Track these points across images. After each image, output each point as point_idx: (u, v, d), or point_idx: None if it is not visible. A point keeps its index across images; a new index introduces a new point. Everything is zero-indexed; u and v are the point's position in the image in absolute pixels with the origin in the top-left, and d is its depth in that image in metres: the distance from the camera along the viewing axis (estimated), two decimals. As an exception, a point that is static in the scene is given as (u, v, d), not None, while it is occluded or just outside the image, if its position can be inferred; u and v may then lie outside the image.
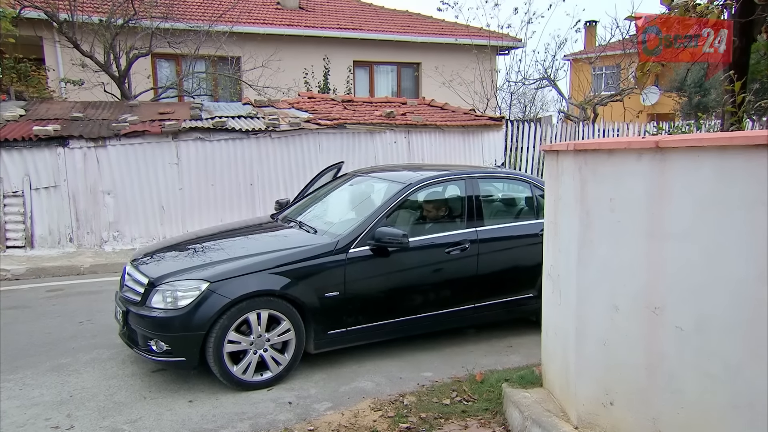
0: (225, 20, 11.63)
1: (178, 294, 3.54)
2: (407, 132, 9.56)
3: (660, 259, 2.30)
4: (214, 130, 8.28)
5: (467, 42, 12.97)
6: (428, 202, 4.59)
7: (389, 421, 3.27)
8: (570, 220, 2.76)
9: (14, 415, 3.35)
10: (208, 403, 3.52)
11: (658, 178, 2.27)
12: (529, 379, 3.51)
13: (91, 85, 10.58)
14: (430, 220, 4.56)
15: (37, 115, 8.50)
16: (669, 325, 2.29)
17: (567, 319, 2.84)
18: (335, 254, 3.91)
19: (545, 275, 3.32)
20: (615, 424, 2.53)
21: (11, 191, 7.46)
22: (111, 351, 4.34)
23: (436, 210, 4.63)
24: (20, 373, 3.93)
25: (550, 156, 3.16)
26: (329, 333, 3.90)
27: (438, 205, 4.65)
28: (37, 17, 10.33)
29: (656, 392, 2.35)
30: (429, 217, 4.57)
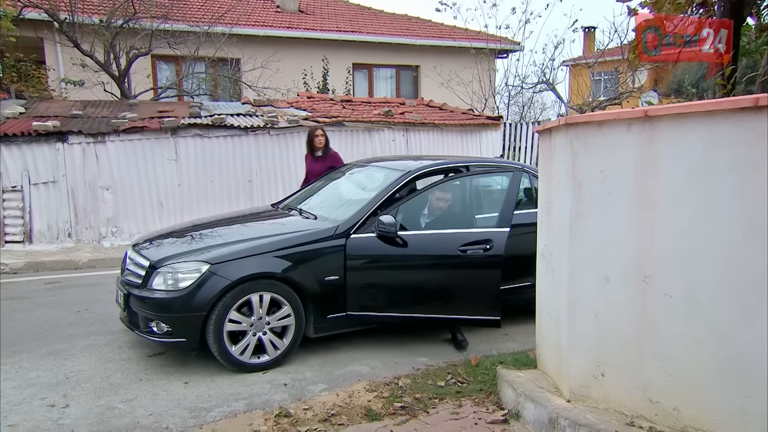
0: (225, 22, 11.71)
1: (179, 276, 3.58)
2: (405, 130, 9.61)
3: (650, 228, 2.33)
4: (213, 127, 8.32)
5: (466, 45, 13.06)
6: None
7: (384, 401, 3.29)
8: (562, 195, 2.79)
9: (10, 394, 3.36)
10: (204, 385, 3.53)
11: (647, 148, 2.31)
12: (524, 362, 3.53)
13: (91, 84, 10.64)
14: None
15: (37, 113, 8.55)
16: (659, 294, 2.32)
17: (560, 295, 2.86)
18: (335, 239, 3.93)
19: (539, 256, 3.34)
20: (606, 395, 2.55)
21: (10, 186, 7.49)
22: (108, 337, 4.35)
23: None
24: (17, 357, 3.95)
25: (544, 136, 3.20)
26: (329, 317, 3.92)
27: None
28: (38, 17, 10.41)
29: (646, 361, 2.37)
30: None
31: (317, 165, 6.22)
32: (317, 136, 6.25)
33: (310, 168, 6.33)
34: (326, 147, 6.29)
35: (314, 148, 6.29)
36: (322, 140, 6.25)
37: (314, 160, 6.31)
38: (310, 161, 6.35)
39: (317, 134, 6.27)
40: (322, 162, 6.21)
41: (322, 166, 6.13)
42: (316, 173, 6.12)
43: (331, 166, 6.07)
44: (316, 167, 6.20)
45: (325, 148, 6.28)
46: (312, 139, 6.28)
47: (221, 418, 3.09)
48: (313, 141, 6.27)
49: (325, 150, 6.29)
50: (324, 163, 6.18)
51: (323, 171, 6.02)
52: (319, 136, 6.25)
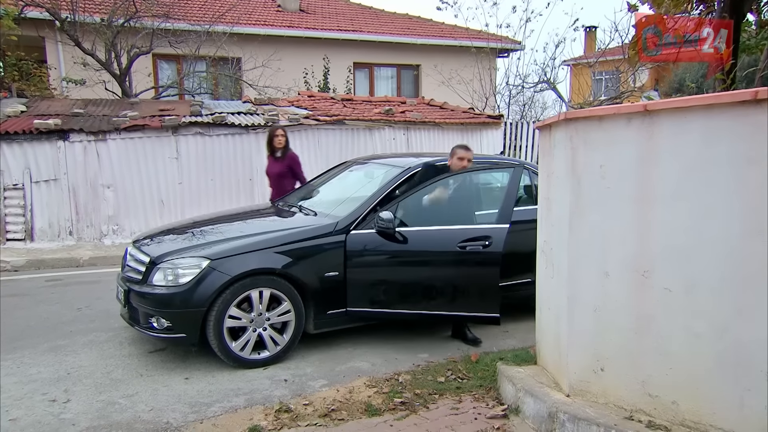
0: (225, 21, 11.73)
1: (179, 271, 3.59)
2: (406, 129, 9.61)
3: (649, 222, 2.34)
4: (214, 125, 8.34)
5: (467, 44, 13.07)
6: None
7: (384, 396, 3.29)
8: (562, 190, 2.79)
9: (12, 389, 3.37)
10: (204, 380, 3.54)
11: (646, 142, 2.31)
12: (524, 358, 3.53)
13: (93, 83, 10.66)
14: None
15: (39, 112, 8.57)
16: (658, 288, 2.32)
17: (559, 291, 2.87)
18: (335, 235, 3.94)
19: (539, 252, 3.35)
20: (605, 389, 2.56)
21: (12, 184, 7.51)
22: (109, 334, 4.36)
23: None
24: (18, 353, 3.96)
25: (544, 132, 3.20)
26: (329, 313, 3.93)
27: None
28: (40, 16, 10.42)
29: (645, 355, 2.38)
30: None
31: (276, 166, 6.07)
32: (277, 136, 6.05)
33: (270, 169, 6.16)
34: (286, 148, 6.08)
35: (274, 149, 6.09)
36: (282, 140, 6.04)
37: (274, 161, 6.13)
38: (271, 162, 6.16)
39: (277, 134, 6.06)
40: (280, 163, 6.05)
41: (281, 167, 6.01)
42: (275, 175, 6.01)
43: (289, 167, 5.98)
44: (275, 168, 6.06)
45: (285, 149, 6.07)
46: (272, 139, 6.07)
47: (222, 413, 3.10)
48: (272, 141, 6.06)
49: (284, 151, 6.08)
50: (282, 164, 6.03)
51: (281, 172, 5.93)
52: (279, 136, 6.05)
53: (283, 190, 5.84)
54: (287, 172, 6.03)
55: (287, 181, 5.98)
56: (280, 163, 6.05)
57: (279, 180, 6.02)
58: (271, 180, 6.11)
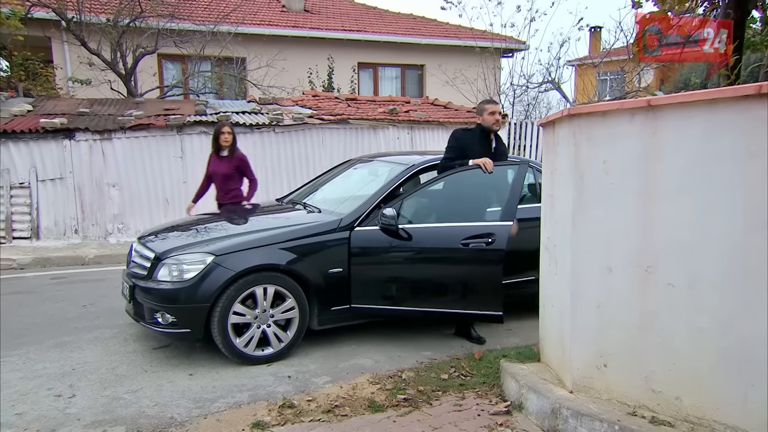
0: (230, 21, 11.76)
1: (183, 267, 3.61)
2: (410, 128, 9.62)
3: (652, 218, 2.34)
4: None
5: (471, 44, 13.06)
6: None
7: (387, 393, 3.30)
8: (565, 187, 2.79)
9: (18, 385, 3.40)
10: (208, 376, 3.55)
11: (650, 138, 2.31)
12: (527, 355, 3.53)
13: (98, 83, 10.71)
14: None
15: (45, 111, 8.62)
16: (661, 283, 2.32)
17: (563, 287, 2.87)
18: (339, 232, 3.95)
19: (542, 249, 3.35)
20: (609, 385, 2.56)
21: (18, 183, 7.56)
22: (113, 331, 4.38)
23: None
24: (24, 348, 3.99)
25: (547, 129, 3.20)
26: (333, 310, 3.94)
27: None
28: (46, 17, 10.49)
29: (649, 350, 2.37)
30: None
31: (222, 165, 5.54)
32: (223, 133, 5.53)
33: (214, 169, 5.60)
34: (233, 146, 5.58)
35: (220, 147, 5.57)
36: (229, 138, 5.53)
37: (219, 160, 5.58)
38: (215, 161, 5.61)
39: (224, 131, 5.54)
40: (227, 162, 5.54)
41: (228, 167, 5.52)
42: (221, 175, 5.54)
43: (237, 168, 5.54)
44: (221, 168, 5.54)
45: (232, 146, 5.57)
46: (218, 135, 5.55)
47: (225, 409, 3.11)
48: (218, 138, 5.55)
49: (232, 149, 5.57)
50: (230, 164, 5.54)
51: (228, 173, 5.51)
52: (225, 134, 5.53)
53: (229, 192, 5.52)
54: (234, 173, 5.55)
55: (234, 182, 5.57)
56: (227, 162, 5.55)
57: (225, 181, 5.54)
58: (216, 180, 5.59)
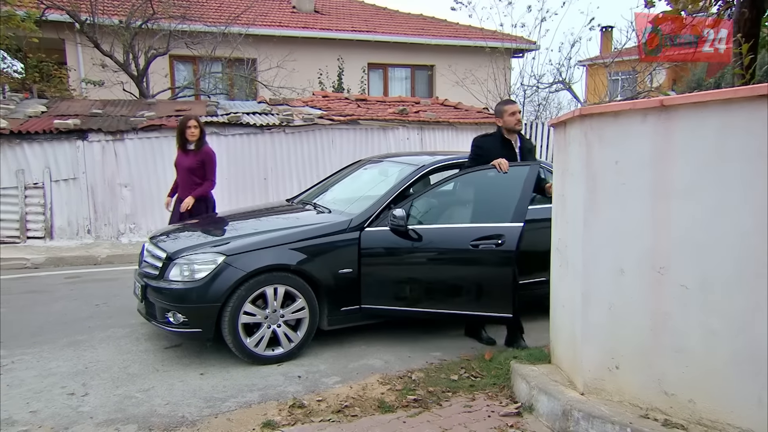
0: (241, 22, 11.84)
1: (195, 267, 3.63)
2: (420, 128, 9.61)
3: (665, 218, 2.32)
4: (229, 125, 8.42)
5: (481, 44, 13.03)
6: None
7: (397, 393, 3.30)
8: (576, 187, 2.78)
9: (32, 383, 3.44)
10: (219, 376, 3.57)
11: (662, 138, 2.29)
12: (538, 357, 3.51)
13: (111, 84, 10.82)
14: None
15: (58, 112, 8.72)
16: (674, 284, 2.30)
17: (574, 288, 2.85)
18: (349, 232, 3.96)
19: (553, 250, 3.33)
20: (620, 387, 2.54)
21: (32, 183, 7.65)
22: (126, 330, 4.42)
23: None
24: (38, 347, 4.03)
25: (558, 129, 3.19)
26: (342, 310, 3.95)
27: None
28: (60, 19, 10.62)
29: (661, 352, 2.35)
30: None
31: (187, 159, 5.37)
32: (189, 128, 5.31)
33: (177, 162, 5.48)
34: (200, 140, 5.38)
35: (186, 141, 5.37)
36: (196, 132, 5.33)
37: (184, 154, 5.41)
38: (180, 155, 5.45)
39: (189, 125, 5.32)
40: (193, 156, 5.35)
41: (193, 161, 5.32)
42: (184, 168, 5.35)
43: (202, 162, 5.34)
44: (185, 161, 5.36)
45: (199, 141, 5.37)
46: (183, 130, 5.35)
47: (236, 408, 3.13)
48: (184, 132, 5.34)
49: (199, 143, 5.38)
50: (195, 158, 5.34)
51: (193, 166, 5.31)
52: (191, 128, 5.32)
53: (190, 185, 5.35)
54: (199, 168, 5.35)
55: (197, 177, 5.37)
56: (192, 156, 5.37)
57: (188, 174, 5.36)
58: (180, 175, 5.43)
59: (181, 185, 5.43)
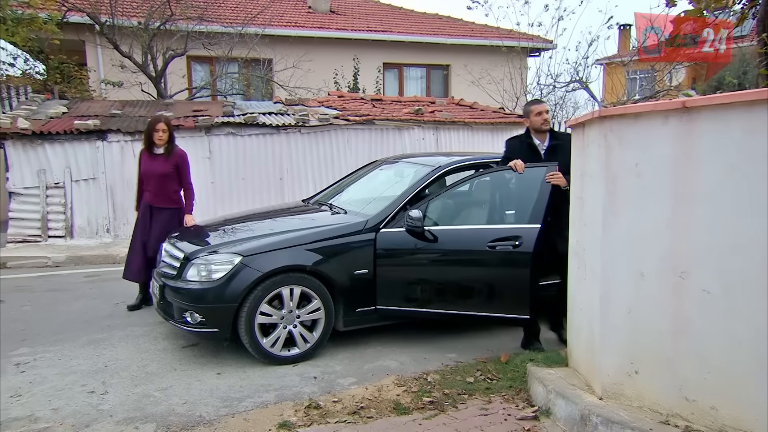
0: (257, 23, 11.90)
1: (212, 267, 3.66)
2: (435, 129, 9.59)
3: (686, 222, 2.28)
4: (246, 126, 8.47)
5: (498, 44, 12.96)
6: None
7: (412, 395, 3.29)
8: (595, 189, 2.74)
9: (53, 380, 3.50)
10: (236, 376, 3.60)
11: (684, 140, 2.26)
12: (555, 360, 3.48)
13: (129, 85, 10.96)
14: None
15: (78, 113, 8.86)
16: (695, 289, 2.26)
17: (592, 292, 2.82)
18: (365, 233, 3.96)
19: (571, 253, 3.30)
20: (640, 392, 2.50)
21: (53, 183, 7.78)
22: (144, 329, 4.47)
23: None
24: (59, 345, 4.10)
25: (577, 130, 3.15)
26: (358, 311, 3.95)
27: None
28: (81, 21, 10.79)
29: (683, 358, 2.32)
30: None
31: (157, 164, 4.89)
32: (157, 131, 4.84)
33: (147, 168, 4.93)
34: (170, 144, 4.93)
35: (153, 144, 4.90)
36: (164, 136, 4.86)
37: (151, 159, 4.93)
38: (146, 159, 4.95)
39: (158, 128, 4.84)
40: (164, 161, 4.90)
41: (166, 166, 4.88)
42: (157, 175, 4.87)
43: (176, 166, 4.92)
44: (156, 167, 4.88)
45: (169, 144, 4.92)
46: (151, 132, 4.87)
47: (252, 408, 3.15)
48: (151, 135, 4.87)
49: (169, 147, 4.93)
50: (168, 163, 4.89)
51: (167, 171, 4.87)
52: (159, 131, 4.85)
53: (168, 195, 4.94)
54: (173, 173, 4.92)
55: (175, 184, 4.97)
56: (163, 161, 4.90)
57: (162, 181, 4.89)
58: (152, 181, 4.91)
59: (155, 193, 4.91)
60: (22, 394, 3.29)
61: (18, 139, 7.57)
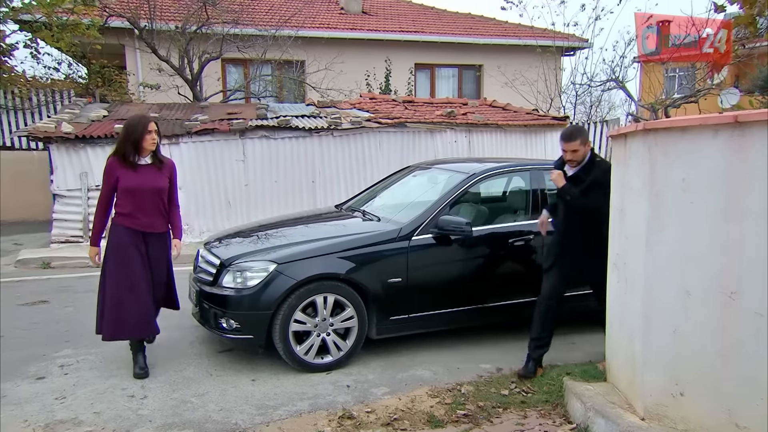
0: (290, 25, 12.01)
1: (247, 274, 3.70)
2: (468, 131, 9.50)
3: (737, 240, 2.19)
4: (279, 129, 8.56)
5: (532, 43, 12.77)
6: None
7: (446, 407, 3.27)
8: (638, 203, 2.66)
9: (95, 383, 3.60)
10: (270, 383, 3.63)
11: (736, 155, 2.16)
12: (592, 374, 3.41)
13: (167, 88, 11.20)
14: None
15: (118, 116, 9.09)
16: (746, 311, 2.17)
17: (634, 308, 2.74)
18: (398, 241, 3.95)
19: (611, 265, 3.22)
20: (685, 415, 2.42)
21: (95, 185, 8.00)
22: (180, 333, 4.55)
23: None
24: (100, 347, 4.21)
25: (618, 141, 3.07)
26: (392, 319, 3.95)
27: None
28: (121, 26, 11.08)
29: (732, 381, 2.22)
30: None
31: (148, 177, 3.62)
32: (149, 133, 3.56)
33: (136, 183, 3.57)
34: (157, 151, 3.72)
35: (139, 151, 3.58)
36: (156, 140, 3.62)
37: (135, 171, 3.59)
38: (127, 172, 3.57)
39: (150, 129, 3.57)
40: (156, 172, 3.65)
41: (161, 180, 3.66)
42: (154, 190, 3.62)
43: (170, 178, 3.75)
44: (149, 181, 3.61)
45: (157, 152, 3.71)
46: (140, 137, 3.54)
47: (287, 417, 3.17)
48: (141, 140, 3.55)
49: (157, 155, 3.71)
50: (162, 174, 3.68)
51: (164, 186, 3.68)
52: (152, 133, 3.58)
53: (161, 213, 3.72)
54: (169, 187, 3.76)
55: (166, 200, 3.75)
56: (155, 173, 3.66)
57: (159, 199, 3.67)
58: (145, 200, 3.60)
59: (150, 214, 3.66)
60: (66, 396, 3.40)
61: (62, 143, 7.82)
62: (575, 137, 3.56)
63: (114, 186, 3.64)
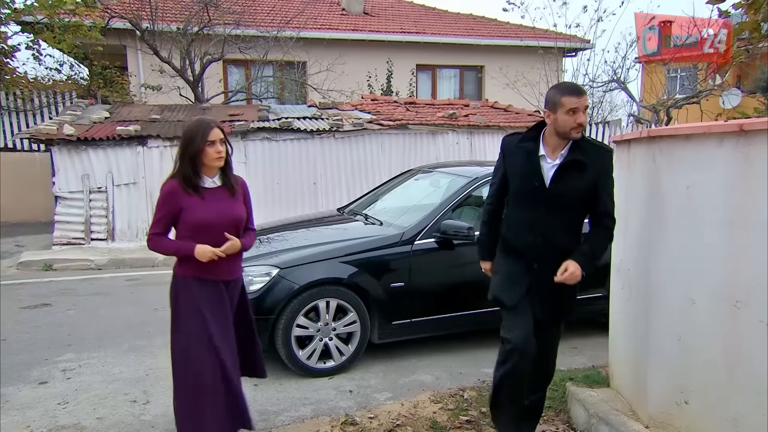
0: (292, 26, 12.01)
1: (250, 279, 3.69)
2: (470, 133, 9.49)
3: (743, 249, 2.17)
4: (281, 130, 8.56)
5: (533, 44, 12.75)
6: None
7: (449, 413, 3.26)
8: (641, 210, 2.65)
9: (98, 388, 3.59)
10: (272, 388, 3.62)
11: (741, 164, 2.15)
12: (595, 379, 3.40)
13: (168, 89, 11.21)
14: None
15: (120, 117, 9.11)
16: (752, 320, 2.15)
17: (638, 315, 2.73)
18: (401, 245, 3.94)
19: (614, 271, 3.21)
20: (690, 424, 2.40)
21: (96, 187, 8.02)
22: (183, 335, 4.55)
23: None
24: (103, 351, 4.21)
25: (621, 147, 3.06)
26: (394, 323, 3.94)
27: None
28: (123, 27, 11.08)
29: (737, 391, 2.21)
30: None
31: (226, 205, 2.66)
32: (213, 144, 2.57)
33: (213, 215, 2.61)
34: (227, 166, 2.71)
35: (203, 168, 2.62)
36: (222, 151, 2.61)
37: (202, 198, 2.61)
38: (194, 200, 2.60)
39: (213, 138, 2.57)
40: (229, 197, 2.68)
41: (239, 207, 2.71)
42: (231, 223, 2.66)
43: (245, 202, 2.78)
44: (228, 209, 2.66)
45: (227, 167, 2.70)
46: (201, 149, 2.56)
47: (289, 423, 3.16)
48: (201, 155, 2.57)
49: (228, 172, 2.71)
50: (235, 203, 2.70)
51: (243, 216, 2.73)
52: (217, 143, 2.58)
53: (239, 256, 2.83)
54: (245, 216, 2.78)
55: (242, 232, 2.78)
56: (228, 198, 2.68)
57: (235, 232, 2.70)
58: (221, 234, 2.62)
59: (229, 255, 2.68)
60: (68, 402, 3.39)
61: (64, 145, 7.83)
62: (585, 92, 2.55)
63: (175, 217, 2.63)
